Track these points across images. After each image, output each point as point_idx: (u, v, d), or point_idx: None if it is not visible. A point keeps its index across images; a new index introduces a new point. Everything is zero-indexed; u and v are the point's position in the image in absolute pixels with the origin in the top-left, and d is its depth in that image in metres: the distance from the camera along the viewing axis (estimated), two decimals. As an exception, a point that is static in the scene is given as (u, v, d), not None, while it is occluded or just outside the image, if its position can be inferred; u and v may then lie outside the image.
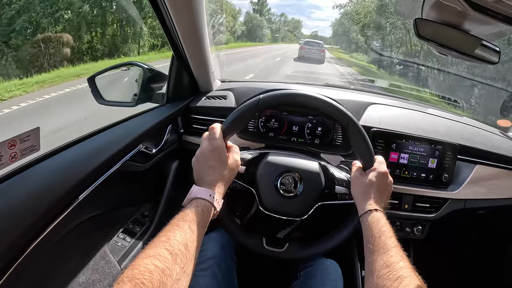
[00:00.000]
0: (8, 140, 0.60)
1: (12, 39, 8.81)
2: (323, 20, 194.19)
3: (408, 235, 1.10)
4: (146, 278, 0.44)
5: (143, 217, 1.06)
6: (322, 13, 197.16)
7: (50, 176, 0.68)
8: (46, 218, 0.63)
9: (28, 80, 6.51)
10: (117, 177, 0.83)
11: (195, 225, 0.58)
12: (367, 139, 0.80)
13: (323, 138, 1.09)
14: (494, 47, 0.85)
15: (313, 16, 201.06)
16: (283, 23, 74.29)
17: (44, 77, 6.94)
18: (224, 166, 0.71)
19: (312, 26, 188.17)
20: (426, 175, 1.05)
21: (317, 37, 78.33)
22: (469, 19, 0.74)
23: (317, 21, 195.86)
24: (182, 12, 0.92)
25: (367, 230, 0.68)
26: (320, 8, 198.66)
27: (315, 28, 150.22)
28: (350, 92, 1.39)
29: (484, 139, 1.14)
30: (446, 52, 0.91)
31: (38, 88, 6.20)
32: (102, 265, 0.87)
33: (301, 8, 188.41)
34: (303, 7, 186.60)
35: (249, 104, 0.80)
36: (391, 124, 1.08)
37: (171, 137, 1.12)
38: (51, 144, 0.80)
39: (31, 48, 8.59)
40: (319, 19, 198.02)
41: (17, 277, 0.58)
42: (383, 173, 0.77)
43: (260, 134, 1.11)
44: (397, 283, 0.53)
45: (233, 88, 1.24)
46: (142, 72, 1.15)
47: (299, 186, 0.84)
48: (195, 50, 1.07)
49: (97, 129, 0.92)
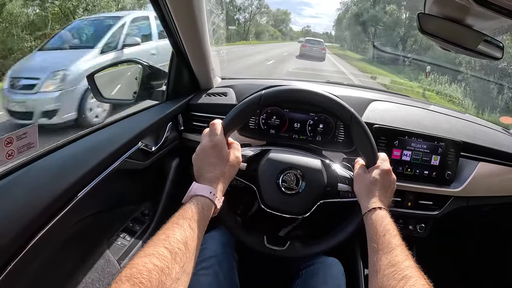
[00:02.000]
0: (4, 137, 0.59)
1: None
2: (314, 17, 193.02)
3: (411, 233, 1.09)
4: (145, 277, 0.43)
5: (143, 215, 1.05)
6: (312, 10, 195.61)
7: (48, 174, 0.68)
8: (44, 216, 0.62)
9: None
10: (116, 175, 0.82)
11: (195, 223, 0.56)
12: (370, 136, 0.79)
13: (324, 135, 1.08)
14: (498, 43, 0.84)
15: (304, 13, 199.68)
16: (259, 13, 49.72)
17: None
18: (225, 163, 0.70)
19: (303, 23, 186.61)
20: (429, 172, 1.04)
21: (309, 34, 73.85)
22: (472, 14, 0.73)
23: (308, 18, 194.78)
24: (182, 8, 0.91)
25: (371, 228, 0.67)
26: (310, 5, 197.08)
27: (305, 25, 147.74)
28: (352, 89, 1.38)
29: (487, 136, 1.13)
30: (449, 47, 0.90)
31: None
32: (102, 264, 0.86)
33: (292, 5, 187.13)
34: (293, 4, 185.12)
35: (250, 100, 0.79)
36: (394, 120, 1.07)
37: (171, 134, 1.11)
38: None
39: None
40: (310, 16, 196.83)
41: (15, 275, 0.58)
42: (387, 170, 0.76)
43: (261, 131, 1.10)
44: (402, 283, 0.52)
45: (233, 85, 1.23)
46: (142, 69, 1.13)
47: (301, 183, 0.83)
48: (195, 46, 1.06)
49: (96, 127, 0.91)
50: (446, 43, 0.83)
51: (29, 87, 3.60)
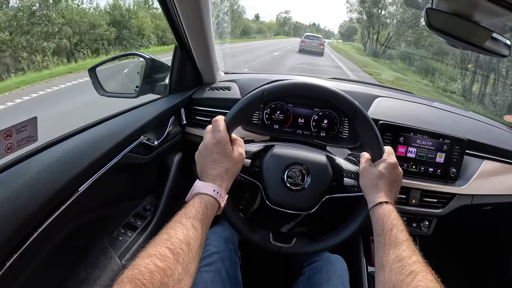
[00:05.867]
0: (3, 130, 0.58)
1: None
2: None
3: (415, 231, 1.08)
4: (147, 278, 0.42)
5: (145, 211, 1.04)
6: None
7: (49, 168, 0.66)
8: (44, 211, 0.61)
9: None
10: (118, 170, 0.81)
11: (198, 222, 0.55)
12: (375, 129, 0.77)
13: (329, 131, 1.07)
14: (505, 40, 0.83)
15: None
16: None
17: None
18: (228, 160, 0.68)
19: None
20: (433, 170, 1.03)
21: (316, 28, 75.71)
22: (480, 10, 0.72)
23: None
24: (186, 1, 0.89)
25: (377, 223, 0.66)
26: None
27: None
28: (357, 84, 1.37)
29: (492, 134, 1.13)
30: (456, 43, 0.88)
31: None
32: (103, 260, 0.85)
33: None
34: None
35: (253, 95, 0.77)
36: (399, 117, 1.06)
37: (173, 129, 1.09)
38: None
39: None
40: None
41: (16, 271, 0.57)
42: (393, 164, 0.75)
43: (265, 126, 1.09)
44: (410, 278, 0.51)
45: (237, 80, 1.22)
46: (144, 62, 1.12)
47: (306, 178, 0.82)
48: (199, 39, 1.04)
49: (97, 120, 0.90)
50: (454, 39, 0.81)
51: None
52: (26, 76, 7.08)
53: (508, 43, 0.83)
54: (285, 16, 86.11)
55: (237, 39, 29.94)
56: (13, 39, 7.87)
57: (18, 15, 8.27)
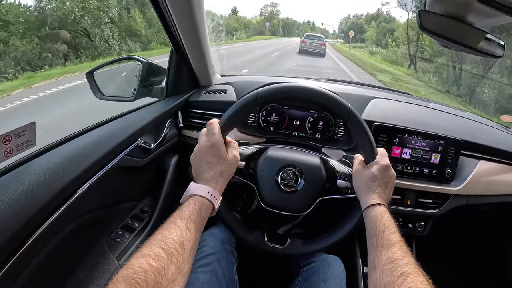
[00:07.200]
0: (2, 135, 0.59)
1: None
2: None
3: (411, 232, 1.09)
4: (141, 277, 0.43)
5: (142, 212, 1.05)
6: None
7: (47, 171, 0.67)
8: (43, 213, 0.62)
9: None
10: (115, 172, 0.82)
11: (192, 223, 0.56)
12: (368, 131, 0.78)
13: (324, 132, 1.08)
14: (499, 41, 0.83)
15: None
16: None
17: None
18: (223, 162, 0.69)
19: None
20: (429, 170, 1.03)
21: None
22: (473, 11, 0.72)
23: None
24: (180, 4, 0.90)
25: (370, 224, 0.67)
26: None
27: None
28: (352, 86, 1.37)
29: (488, 135, 1.13)
30: (449, 44, 0.89)
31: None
32: (101, 261, 0.86)
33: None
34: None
35: (247, 99, 0.78)
36: (394, 118, 1.07)
37: (170, 131, 1.10)
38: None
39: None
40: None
41: (15, 273, 0.58)
42: (386, 166, 0.76)
43: (261, 128, 1.10)
44: (401, 279, 0.51)
45: (233, 82, 1.23)
46: (141, 66, 1.13)
47: (299, 180, 0.83)
48: (194, 43, 1.05)
49: (95, 124, 0.91)
50: (447, 40, 0.82)
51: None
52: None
53: (502, 43, 0.84)
54: (272, 10, 78.39)
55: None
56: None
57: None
